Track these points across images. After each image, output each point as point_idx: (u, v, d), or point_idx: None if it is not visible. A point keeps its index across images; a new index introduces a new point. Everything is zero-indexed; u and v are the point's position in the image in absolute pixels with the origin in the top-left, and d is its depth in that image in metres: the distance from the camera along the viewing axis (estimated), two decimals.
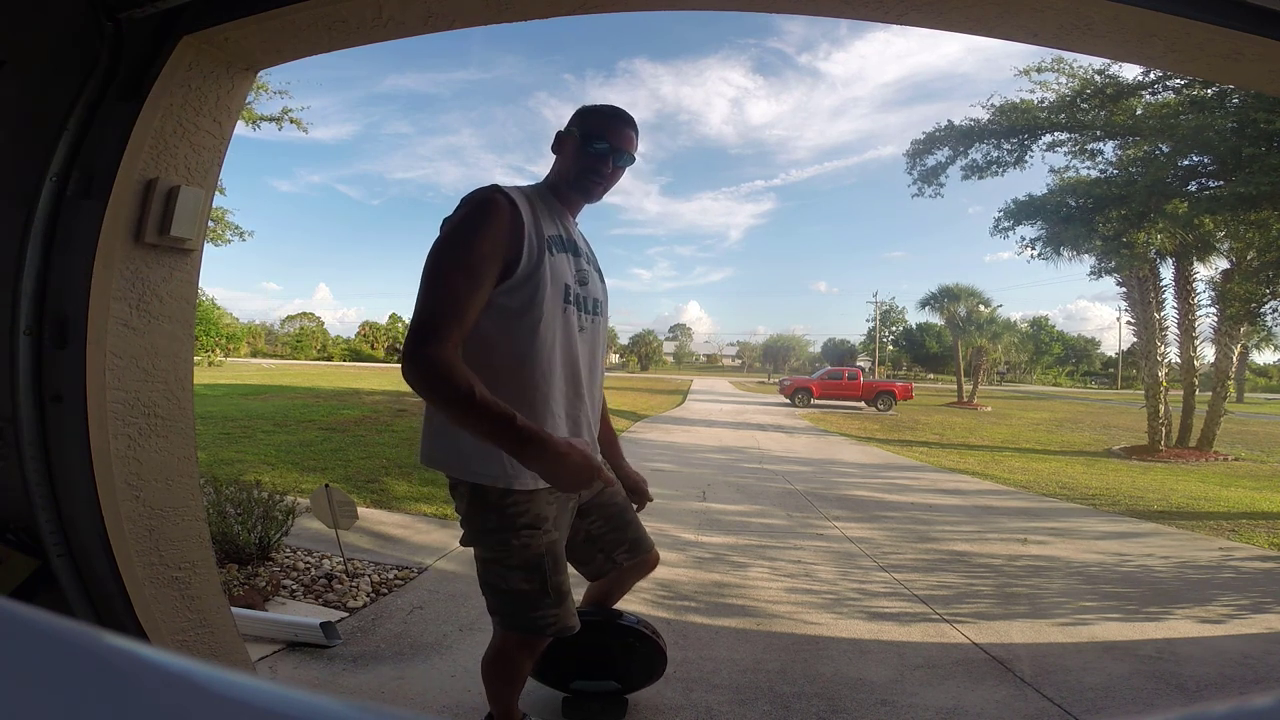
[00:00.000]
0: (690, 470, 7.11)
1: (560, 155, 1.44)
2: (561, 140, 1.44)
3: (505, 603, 1.37)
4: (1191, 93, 8.98)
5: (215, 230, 11.55)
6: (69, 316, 1.33)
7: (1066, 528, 4.87)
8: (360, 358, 65.63)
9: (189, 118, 1.43)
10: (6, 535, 1.35)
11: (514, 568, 1.33)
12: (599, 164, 1.39)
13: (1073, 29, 1.24)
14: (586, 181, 1.40)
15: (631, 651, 1.80)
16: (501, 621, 1.40)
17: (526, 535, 1.32)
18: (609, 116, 1.41)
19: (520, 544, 1.32)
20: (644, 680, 1.89)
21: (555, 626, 1.37)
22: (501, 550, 1.33)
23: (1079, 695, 2.12)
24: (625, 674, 1.86)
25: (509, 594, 1.35)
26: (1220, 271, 11.83)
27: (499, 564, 1.34)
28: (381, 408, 10.10)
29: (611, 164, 1.41)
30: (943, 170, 11.86)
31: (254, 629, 2.21)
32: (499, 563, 1.34)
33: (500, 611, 1.39)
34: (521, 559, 1.33)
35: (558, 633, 1.38)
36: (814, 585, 3.20)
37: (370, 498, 4.48)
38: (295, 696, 0.21)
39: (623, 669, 1.85)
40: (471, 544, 1.38)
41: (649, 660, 1.83)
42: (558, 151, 1.45)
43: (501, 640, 1.43)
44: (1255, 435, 14.98)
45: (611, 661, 1.81)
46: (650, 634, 1.81)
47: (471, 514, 1.35)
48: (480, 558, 1.37)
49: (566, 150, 1.42)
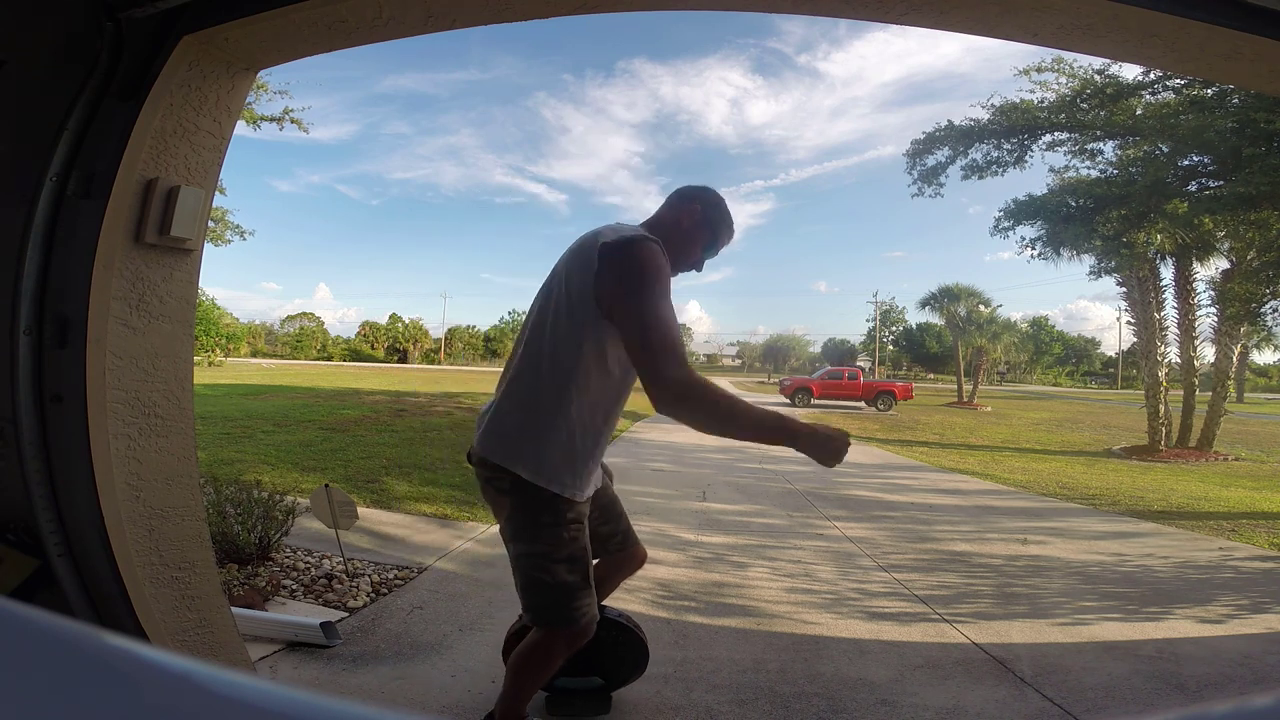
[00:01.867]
0: (690, 470, 7.11)
1: (677, 220, 1.56)
2: (687, 211, 1.57)
3: (548, 596, 1.44)
4: (1191, 93, 8.97)
5: (215, 230, 11.56)
6: (69, 316, 1.33)
7: (1066, 528, 4.87)
8: (360, 357, 65.60)
9: (189, 118, 1.43)
10: (6, 535, 1.35)
11: (561, 560, 1.42)
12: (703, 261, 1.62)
13: (1073, 29, 1.24)
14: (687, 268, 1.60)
15: (616, 646, 1.82)
16: (542, 617, 1.46)
17: (575, 529, 1.44)
18: (730, 230, 1.63)
19: (570, 537, 1.43)
20: (629, 675, 1.89)
21: (588, 617, 1.46)
22: (554, 544, 1.42)
23: (1079, 695, 2.12)
24: (609, 669, 1.87)
25: (554, 587, 1.43)
26: (1220, 271, 11.84)
27: (547, 558, 1.42)
28: (381, 408, 10.10)
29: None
30: (943, 170, 11.86)
31: (254, 629, 2.21)
32: (548, 556, 1.42)
33: (541, 607, 1.45)
34: (568, 552, 1.43)
35: (590, 622, 1.47)
36: (814, 585, 3.20)
37: (370, 498, 4.48)
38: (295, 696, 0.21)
39: (607, 664, 1.86)
40: (523, 539, 1.43)
41: (633, 654, 1.85)
42: (676, 211, 1.57)
43: (545, 637, 1.49)
44: (1255, 435, 14.98)
45: (595, 657, 1.81)
46: (632, 627, 1.83)
47: (529, 509, 1.42)
48: (528, 553, 1.43)
49: (686, 225, 1.56)
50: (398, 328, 72.53)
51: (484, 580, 3.03)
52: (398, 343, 71.34)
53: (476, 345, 76.23)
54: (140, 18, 1.32)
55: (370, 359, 65.03)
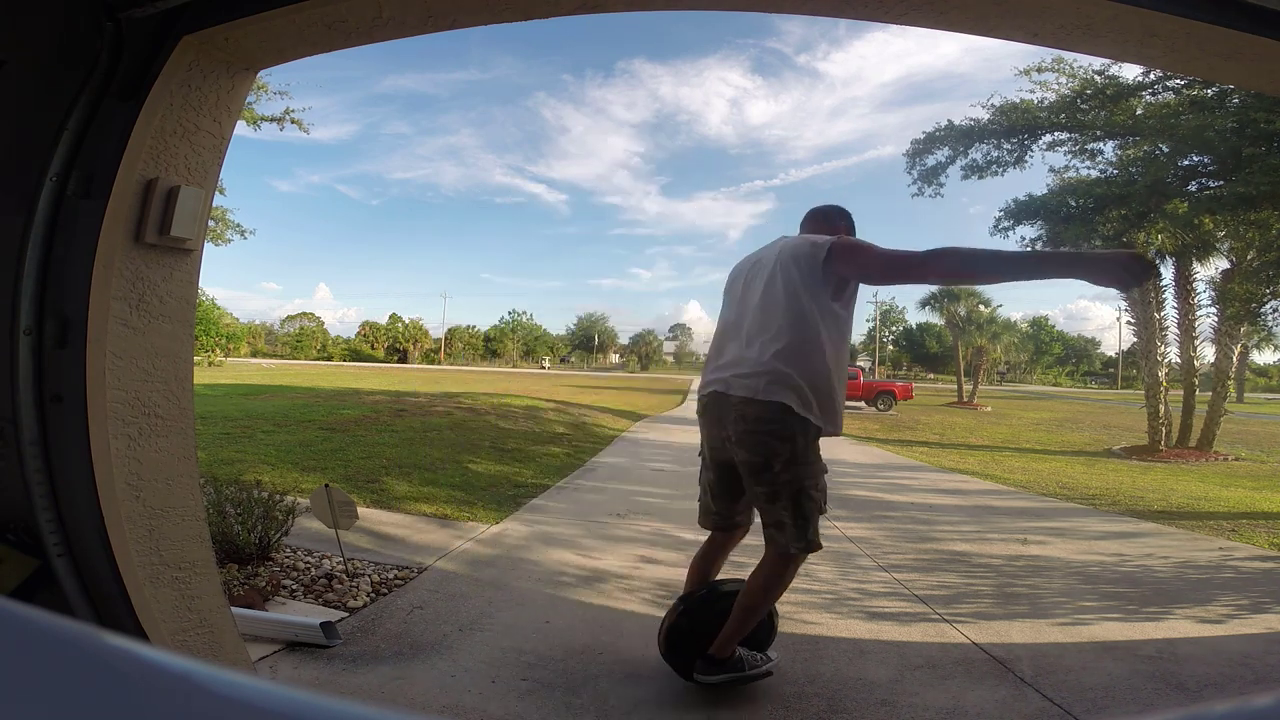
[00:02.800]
0: (690, 470, 7.08)
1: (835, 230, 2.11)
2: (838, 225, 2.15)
3: (808, 523, 1.84)
4: (1191, 93, 8.97)
5: (216, 230, 11.56)
6: (69, 316, 1.33)
7: (1066, 528, 4.87)
8: (360, 357, 65.60)
9: (189, 118, 1.43)
10: (6, 535, 1.35)
11: (821, 490, 1.88)
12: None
13: (1073, 29, 1.24)
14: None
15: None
16: (798, 542, 1.83)
17: (823, 464, 1.90)
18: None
19: (822, 469, 1.90)
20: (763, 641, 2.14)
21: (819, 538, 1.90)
22: (820, 476, 1.87)
23: (1079, 695, 2.12)
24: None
25: (813, 513, 1.85)
26: (1220, 271, 11.84)
27: (815, 488, 1.85)
28: (381, 407, 10.09)
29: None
30: (943, 170, 11.84)
31: (254, 629, 2.21)
32: (815, 487, 1.85)
33: (802, 536, 1.83)
34: (822, 484, 1.89)
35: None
36: (814, 585, 3.20)
37: (370, 498, 4.48)
38: (295, 696, 0.21)
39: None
40: (798, 469, 1.82)
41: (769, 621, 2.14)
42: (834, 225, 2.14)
43: (790, 564, 1.89)
44: (1255, 435, 14.99)
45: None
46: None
47: (805, 450, 1.83)
48: (803, 487, 1.83)
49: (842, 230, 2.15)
50: (398, 328, 72.55)
51: (484, 580, 3.03)
52: (398, 343, 71.37)
53: (476, 345, 76.26)
54: (140, 18, 1.32)
55: (370, 359, 65.02)
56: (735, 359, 1.91)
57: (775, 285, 1.88)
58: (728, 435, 1.90)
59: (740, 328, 1.94)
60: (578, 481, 5.95)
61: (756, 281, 1.96)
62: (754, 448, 1.82)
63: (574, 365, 75.70)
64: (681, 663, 2.02)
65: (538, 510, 4.65)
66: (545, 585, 3.01)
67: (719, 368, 1.95)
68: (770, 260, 1.95)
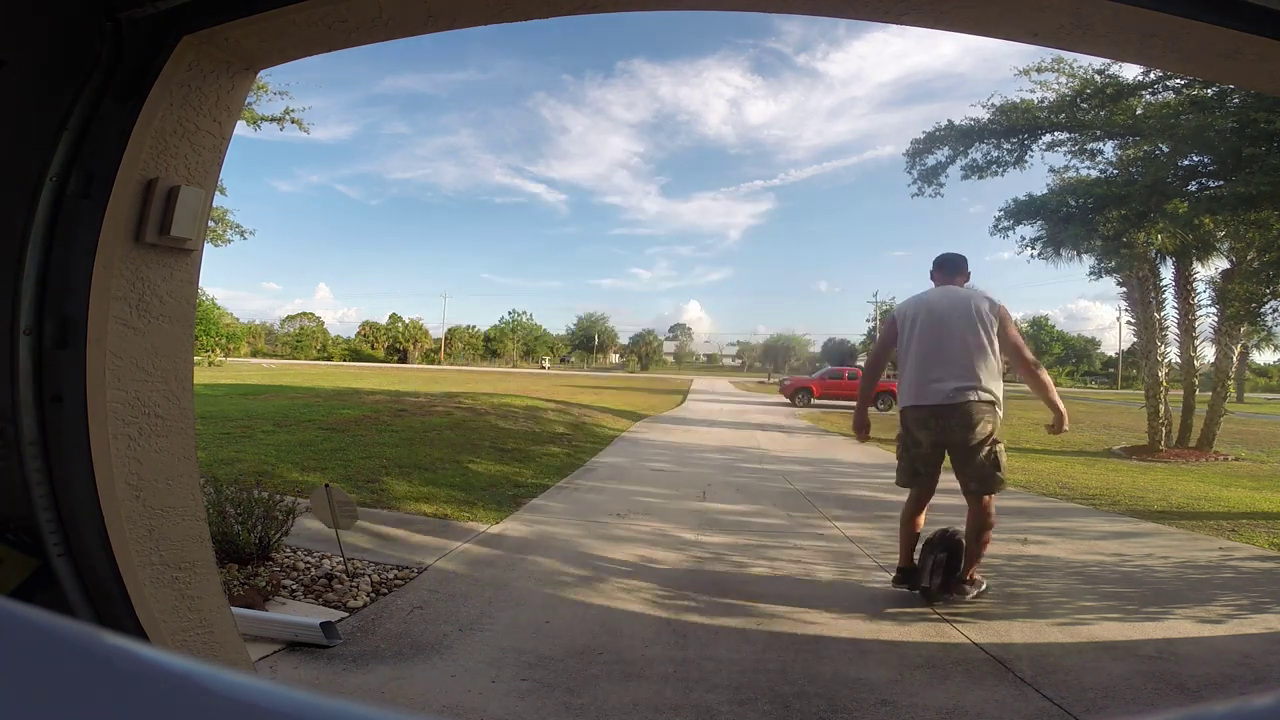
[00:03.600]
0: (690, 470, 7.11)
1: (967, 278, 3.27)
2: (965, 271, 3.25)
3: (999, 473, 2.92)
4: (1191, 93, 8.97)
5: (216, 230, 11.56)
6: (69, 316, 1.33)
7: (1066, 527, 4.87)
8: (360, 357, 65.58)
9: (189, 118, 1.43)
10: (6, 535, 1.35)
11: (1004, 449, 2.96)
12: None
13: (1073, 29, 1.24)
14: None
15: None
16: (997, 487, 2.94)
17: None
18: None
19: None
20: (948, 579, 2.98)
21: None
22: (1001, 440, 2.95)
23: (1079, 695, 2.12)
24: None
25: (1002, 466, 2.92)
26: (1220, 271, 11.83)
27: (1002, 448, 2.94)
28: (381, 407, 10.09)
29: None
30: (943, 170, 11.84)
31: (254, 629, 2.21)
32: (1001, 447, 2.94)
33: (1001, 478, 2.93)
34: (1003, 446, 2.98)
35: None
36: (814, 585, 3.20)
37: (370, 498, 4.48)
38: (295, 696, 0.21)
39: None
40: (994, 438, 2.93)
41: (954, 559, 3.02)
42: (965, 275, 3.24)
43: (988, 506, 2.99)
44: (1255, 435, 14.98)
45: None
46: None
47: (995, 421, 2.94)
48: (996, 451, 2.92)
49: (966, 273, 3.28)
50: (398, 328, 72.55)
51: (484, 580, 3.03)
52: (398, 343, 71.36)
53: (476, 345, 76.25)
54: (140, 18, 1.32)
55: (370, 359, 65.00)
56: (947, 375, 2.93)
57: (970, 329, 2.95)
58: (952, 426, 2.89)
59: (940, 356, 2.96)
60: (578, 481, 5.95)
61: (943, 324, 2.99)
62: (975, 429, 2.87)
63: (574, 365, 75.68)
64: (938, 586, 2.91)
65: (538, 510, 4.65)
66: (545, 585, 3.02)
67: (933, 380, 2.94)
68: (945, 307, 3.02)
